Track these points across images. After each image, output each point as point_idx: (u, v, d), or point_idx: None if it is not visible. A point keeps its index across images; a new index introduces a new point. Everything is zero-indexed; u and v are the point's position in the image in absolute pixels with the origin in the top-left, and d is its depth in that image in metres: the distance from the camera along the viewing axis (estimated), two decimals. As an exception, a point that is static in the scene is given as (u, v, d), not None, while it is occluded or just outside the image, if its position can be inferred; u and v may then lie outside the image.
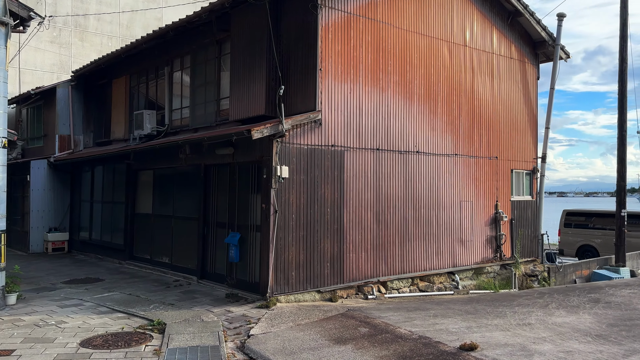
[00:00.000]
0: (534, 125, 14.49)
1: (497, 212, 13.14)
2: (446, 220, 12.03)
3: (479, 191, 12.83)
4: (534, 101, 14.54)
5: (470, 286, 12.43)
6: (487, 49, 13.24)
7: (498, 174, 13.32)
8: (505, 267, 13.32)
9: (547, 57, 14.90)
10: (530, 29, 14.05)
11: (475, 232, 12.67)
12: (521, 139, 14.09)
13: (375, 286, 10.62)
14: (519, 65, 14.13)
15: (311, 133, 9.70)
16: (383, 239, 10.77)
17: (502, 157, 13.49)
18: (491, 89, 13.29)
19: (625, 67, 15.95)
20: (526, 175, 14.27)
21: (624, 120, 15.95)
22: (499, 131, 13.46)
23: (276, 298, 9.17)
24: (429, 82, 11.82)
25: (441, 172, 11.99)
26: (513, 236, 13.55)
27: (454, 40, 12.40)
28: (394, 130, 11.10)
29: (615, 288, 9.54)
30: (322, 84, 9.85)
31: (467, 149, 12.60)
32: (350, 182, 10.26)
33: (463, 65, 12.62)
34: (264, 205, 9.36)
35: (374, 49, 10.76)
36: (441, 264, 11.88)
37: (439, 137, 11.99)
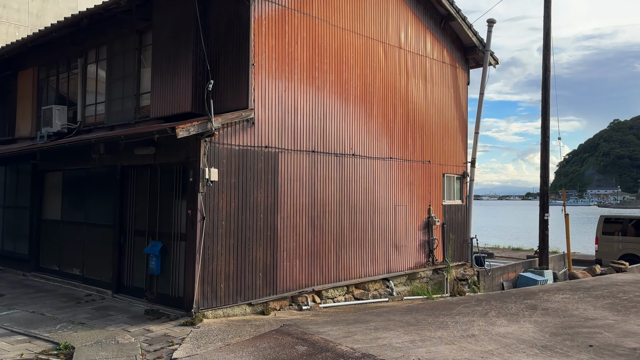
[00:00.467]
0: (464, 130, 14.58)
1: (430, 217, 13.02)
2: (381, 225, 11.71)
3: (413, 195, 12.64)
4: (464, 106, 14.63)
5: (404, 292, 12.18)
6: (421, 53, 13.11)
7: (431, 178, 13.22)
8: (437, 271, 13.23)
9: (476, 62, 15.07)
10: (461, 33, 14.11)
11: (409, 237, 12.46)
12: (452, 144, 14.10)
13: (309, 296, 10.05)
14: (451, 70, 14.15)
15: (243, 133, 8.98)
16: (318, 246, 10.23)
17: (435, 161, 13.41)
18: (424, 92, 13.17)
19: (548, 75, 16.50)
20: (457, 179, 14.31)
21: (547, 127, 16.48)
22: (432, 135, 13.37)
23: (203, 314, 8.35)
24: (365, 83, 11.45)
25: (377, 176, 11.65)
26: (445, 240, 13.50)
27: (389, 42, 12.13)
28: (331, 131, 10.61)
29: (549, 293, 9.59)
30: (255, 80, 9.17)
31: (402, 152, 12.37)
32: (284, 185, 9.64)
33: (398, 67, 12.38)
34: (189, 211, 8.51)
35: (309, 45, 10.22)
36: (376, 271, 11.53)
37: (374, 140, 11.65)
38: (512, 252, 29.57)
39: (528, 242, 39.72)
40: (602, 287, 10.21)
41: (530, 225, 71.37)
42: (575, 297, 9.21)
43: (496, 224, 58.60)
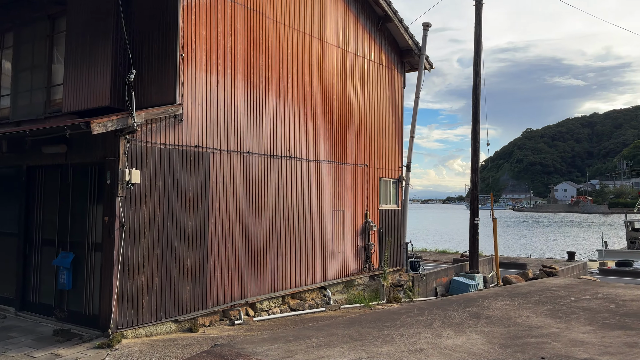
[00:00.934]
0: (400, 134, 14.39)
1: (367, 222, 12.65)
2: (319, 231, 11.16)
3: (351, 200, 12.21)
4: (400, 109, 14.45)
5: (341, 300, 11.71)
6: (359, 53, 12.74)
7: (368, 182, 12.86)
8: (374, 278, 12.88)
9: (412, 66, 14.96)
10: (398, 36, 13.92)
11: (346, 243, 12.00)
12: (389, 147, 13.85)
13: (243, 309, 9.29)
14: (388, 72, 13.91)
15: (170, 130, 8.10)
16: (253, 255, 9.50)
17: (372, 165, 13.07)
18: (362, 94, 12.81)
19: (479, 82, 16.75)
20: (393, 183, 14.08)
21: (477, 132, 16.72)
22: (370, 138, 13.03)
23: (121, 333, 7.38)
24: (302, 82, 10.88)
25: (315, 179, 11.10)
26: (381, 246, 13.19)
27: (327, 40, 11.65)
28: (267, 132, 9.93)
29: (488, 300, 9.45)
30: (184, 72, 8.32)
31: (340, 155, 11.91)
32: (216, 189, 8.83)
33: (336, 67, 11.93)
34: (106, 218, 7.52)
35: (244, 38, 9.50)
36: (313, 279, 10.96)
37: (313, 141, 11.10)
38: (439, 255, 30.17)
39: (453, 245, 40.90)
40: (538, 292, 10.24)
41: (453, 228, 74.07)
42: (515, 303, 9.10)
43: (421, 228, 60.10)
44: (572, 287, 10.91)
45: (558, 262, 27.65)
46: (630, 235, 32.91)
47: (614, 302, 9.14)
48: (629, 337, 6.73)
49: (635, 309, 8.42)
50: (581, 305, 8.91)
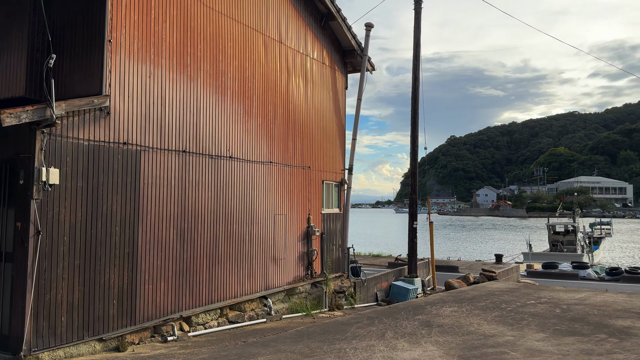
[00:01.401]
0: (342, 136, 14.00)
1: (310, 226, 12.12)
2: (260, 237, 10.49)
3: (293, 204, 11.63)
4: (342, 111, 14.07)
5: (283, 310, 11.09)
6: (302, 51, 12.22)
7: (311, 185, 12.34)
8: (316, 285, 12.36)
9: (353, 67, 14.64)
10: (341, 35, 13.53)
11: (288, 249, 11.41)
12: (332, 149, 13.42)
13: (176, 324, 8.45)
14: (331, 72, 13.49)
15: (95, 125, 7.18)
16: (189, 263, 8.68)
17: (315, 168, 12.57)
18: (305, 94, 12.29)
19: (417, 85, 16.73)
20: (335, 186, 13.65)
21: (416, 136, 16.68)
22: (313, 139, 12.53)
23: (37, 356, 6.39)
24: (243, 77, 10.20)
25: (256, 181, 10.43)
26: (323, 251, 12.71)
27: (270, 35, 11.03)
28: (205, 129, 9.16)
29: (436, 306, 9.19)
30: (113, 61, 7.43)
31: (283, 156, 11.31)
32: (148, 191, 7.96)
33: (279, 64, 11.33)
34: (19, 224, 6.49)
35: (181, 27, 8.70)
36: (254, 288, 10.27)
37: (254, 141, 10.42)
38: (373, 259, 30.16)
39: (386, 248, 41.30)
40: (483, 297, 10.14)
41: (384, 231, 75.28)
42: (463, 309, 8.90)
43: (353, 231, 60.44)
44: (515, 291, 10.95)
45: (487, 265, 28.47)
46: (552, 239, 34.59)
47: (559, 306, 9.17)
48: (583, 343, 6.64)
49: (580, 314, 8.45)
50: (528, 310, 8.87)
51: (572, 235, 34.22)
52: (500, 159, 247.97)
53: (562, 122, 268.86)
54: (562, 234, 34.71)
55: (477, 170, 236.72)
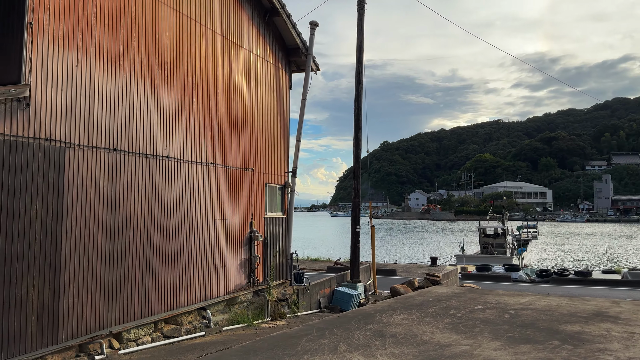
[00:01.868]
0: (286, 137, 13.48)
1: (252, 232, 11.49)
2: (200, 243, 9.76)
3: (235, 207, 10.97)
4: (286, 111, 13.55)
5: (223, 321, 10.39)
6: (245, 46, 11.60)
7: (254, 188, 11.72)
8: (257, 293, 11.73)
9: (297, 66, 14.17)
10: (285, 32, 13.03)
11: (230, 256, 10.73)
12: (275, 151, 12.86)
13: (105, 341, 7.58)
14: (274, 70, 12.95)
15: (12, 117, 6.25)
16: (120, 273, 7.84)
17: (258, 170, 11.96)
18: (248, 92, 11.67)
19: (361, 88, 16.51)
20: (278, 190, 13.09)
21: (359, 139, 16.43)
22: (256, 140, 11.92)
23: None
24: (183, 71, 9.46)
25: (196, 184, 9.70)
26: (266, 257, 12.11)
27: (211, 27, 10.34)
28: (140, 126, 8.35)
29: (386, 314, 8.86)
30: (34, 46, 6.53)
31: (225, 157, 10.63)
32: (73, 194, 7.08)
33: (220, 58, 10.66)
34: None
35: (113, 12, 7.87)
36: (192, 299, 9.51)
37: (194, 140, 9.69)
38: (312, 264, 29.77)
39: (324, 252, 41.11)
40: (431, 303, 9.94)
41: (320, 235, 75.29)
42: (414, 317, 8.63)
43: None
44: (460, 296, 10.85)
45: (423, 267, 28.84)
46: (483, 241, 35.70)
47: (507, 311, 9.11)
48: (539, 351, 6.49)
49: (529, 319, 8.40)
50: (478, 316, 8.73)
51: (501, 238, 35.47)
52: (430, 164, 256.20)
53: (488, 130, 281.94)
54: (492, 237, 35.90)
55: (408, 175, 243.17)
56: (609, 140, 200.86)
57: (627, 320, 8.17)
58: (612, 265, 31.20)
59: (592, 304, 9.74)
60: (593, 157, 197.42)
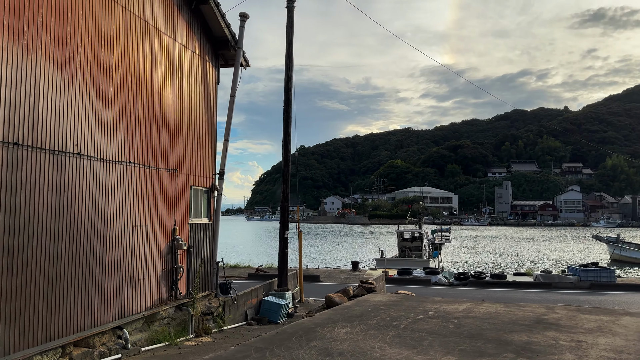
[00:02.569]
0: (213, 136, 12.48)
1: (175, 239, 10.40)
2: (115, 254, 8.56)
3: (157, 212, 9.83)
4: (214, 108, 12.56)
5: (142, 341, 9.23)
6: (170, 34, 10.52)
7: (177, 191, 10.63)
8: (181, 308, 10.63)
9: (226, 60, 13.23)
10: (213, 22, 12.05)
11: (149, 267, 9.58)
12: (201, 151, 11.82)
13: (-1, 374, 6.27)
14: (201, 63, 11.92)
15: None
16: (19, 291, 6.55)
17: (183, 170, 10.88)
18: (172, 84, 10.58)
19: (290, 87, 15.83)
20: (204, 193, 12.05)
21: (289, 141, 15.74)
22: (180, 138, 10.84)
23: None
24: (98, 56, 8.25)
25: (112, 185, 8.50)
26: (190, 268, 11.03)
27: (131, 9, 9.19)
28: (46, 116, 7.09)
29: (328, 328, 8.21)
30: None
31: (145, 156, 9.48)
32: (-41, 196, 5.76)
33: (142, 45, 9.52)
34: None
35: (15, -20, 6.59)
36: (106, 317, 8.30)
37: (110, 136, 8.49)
38: (231, 270, 28.59)
39: (242, 258, 39.86)
40: (371, 313, 9.44)
41: (239, 240, 73.49)
42: (357, 330, 8.05)
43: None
44: (398, 304, 10.46)
45: (345, 272, 28.64)
46: (401, 245, 36.27)
47: (450, 321, 8.79)
48: (502, 366, 6.16)
49: (475, 329, 8.12)
50: (423, 327, 8.33)
51: (418, 242, 36.25)
52: (345, 169, 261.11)
53: (399, 137, 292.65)
54: (409, 240, 36.59)
55: (324, 180, 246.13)
56: (508, 149, 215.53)
57: (569, 328, 8.13)
58: (523, 268, 32.85)
59: (529, 310, 9.72)
60: (494, 164, 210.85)
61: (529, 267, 34.40)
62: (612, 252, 45.33)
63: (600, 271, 22.60)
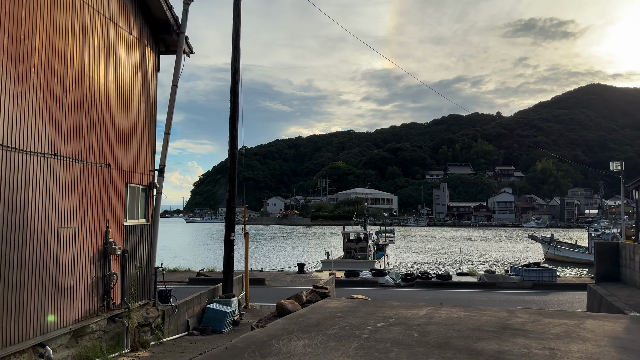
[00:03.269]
0: (152, 129, 11.36)
1: (108, 243, 9.26)
2: (37, 260, 7.38)
3: (86, 213, 8.67)
4: (153, 97, 11.45)
5: (69, 359, 8.06)
6: (104, 12, 9.37)
7: (111, 189, 9.48)
8: (114, 319, 9.49)
9: (167, 47, 12.14)
10: (154, 3, 10.96)
11: (78, 275, 8.41)
12: (139, 144, 10.69)
13: None
14: (139, 47, 10.80)
15: None
16: None
17: (117, 166, 9.74)
18: (106, 69, 9.44)
19: (238, 80, 14.92)
20: (142, 191, 10.92)
21: (236, 136, 14.81)
22: (115, 130, 9.70)
23: None
24: (18, 31, 7.07)
25: (33, 181, 7.32)
26: (125, 275, 9.90)
27: (59, -20, 8.02)
28: (-55, 96, 5.88)
29: (283, 340, 7.41)
30: None
31: (73, 148, 8.32)
32: None
33: (72, 22, 8.36)
34: None
35: None
36: (25, 333, 7.12)
37: (31, 124, 7.31)
38: (170, 275, 27.13)
39: (184, 261, 38.20)
40: (328, 322, 8.70)
41: (178, 242, 70.90)
42: (316, 342, 7.30)
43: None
44: (355, 311, 9.79)
45: (290, 275, 27.87)
46: (346, 246, 35.89)
47: (412, 328, 8.21)
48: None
49: (441, 337, 7.56)
50: (386, 336, 7.69)
51: (364, 243, 36.00)
52: (287, 170, 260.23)
53: (341, 139, 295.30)
54: (355, 242, 36.28)
55: (266, 181, 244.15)
56: (445, 152, 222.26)
57: (537, 334, 7.75)
58: (466, 268, 33.26)
59: (490, 314, 9.33)
60: (432, 167, 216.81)
61: (471, 267, 34.93)
62: (547, 252, 47.15)
63: (542, 271, 23.03)
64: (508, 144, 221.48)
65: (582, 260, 43.78)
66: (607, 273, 16.27)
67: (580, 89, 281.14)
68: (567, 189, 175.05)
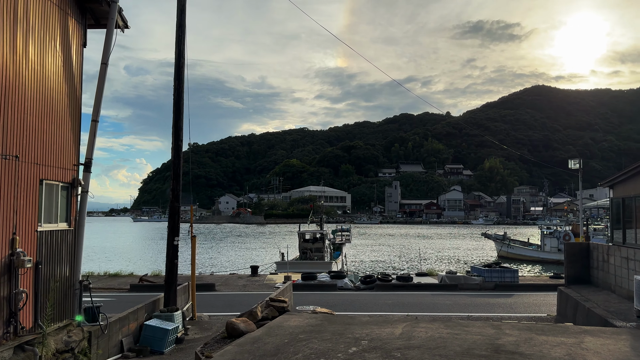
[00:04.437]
0: (76, 114, 9.52)
1: (15, 254, 7.43)
2: None
3: (-18, 217, 6.84)
4: (77, 77, 9.60)
5: (-47, 408, 6.24)
6: (9, -33, 7.52)
7: (19, 187, 7.65)
8: (23, 347, 7.67)
9: (96, 19, 10.30)
10: (79, -34, 9.14)
11: (-31, 298, 6.57)
12: (58, 133, 8.85)
13: None
14: (60, 16, 8.96)
15: None
16: None
17: (28, 158, 7.90)
18: (13, 38, 7.60)
19: (183, 63, 13.20)
20: (63, 189, 9.08)
21: (180, 127, 13.11)
22: (26, 114, 7.86)
23: None
24: None
25: None
26: (39, 292, 8.08)
27: None
28: None
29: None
30: None
31: (-39, 134, 6.47)
32: None
33: (-41, -28, 6.51)
34: None
35: None
36: None
37: None
38: (110, 280, 24.98)
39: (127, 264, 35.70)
40: (289, 348, 7.22)
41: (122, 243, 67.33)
42: (276, 378, 5.83)
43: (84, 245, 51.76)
44: (320, 331, 8.35)
45: (243, 278, 26.17)
46: (302, 246, 34.43)
47: (391, 354, 6.87)
48: None
49: (427, 365, 6.29)
50: (363, 367, 6.31)
51: (320, 243, 34.69)
52: (240, 168, 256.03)
53: (294, 137, 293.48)
54: (311, 242, 34.92)
55: (219, 178, 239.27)
56: (397, 150, 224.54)
57: (538, 358, 6.56)
58: (424, 267, 32.52)
59: (475, 331, 8.12)
60: (385, 165, 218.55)
61: (429, 267, 34.25)
62: (500, 249, 47.36)
63: (504, 272, 22.39)
64: (457, 143, 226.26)
65: (534, 258, 44.19)
66: (578, 275, 15.57)
67: (526, 90, 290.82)
68: (514, 187, 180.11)
